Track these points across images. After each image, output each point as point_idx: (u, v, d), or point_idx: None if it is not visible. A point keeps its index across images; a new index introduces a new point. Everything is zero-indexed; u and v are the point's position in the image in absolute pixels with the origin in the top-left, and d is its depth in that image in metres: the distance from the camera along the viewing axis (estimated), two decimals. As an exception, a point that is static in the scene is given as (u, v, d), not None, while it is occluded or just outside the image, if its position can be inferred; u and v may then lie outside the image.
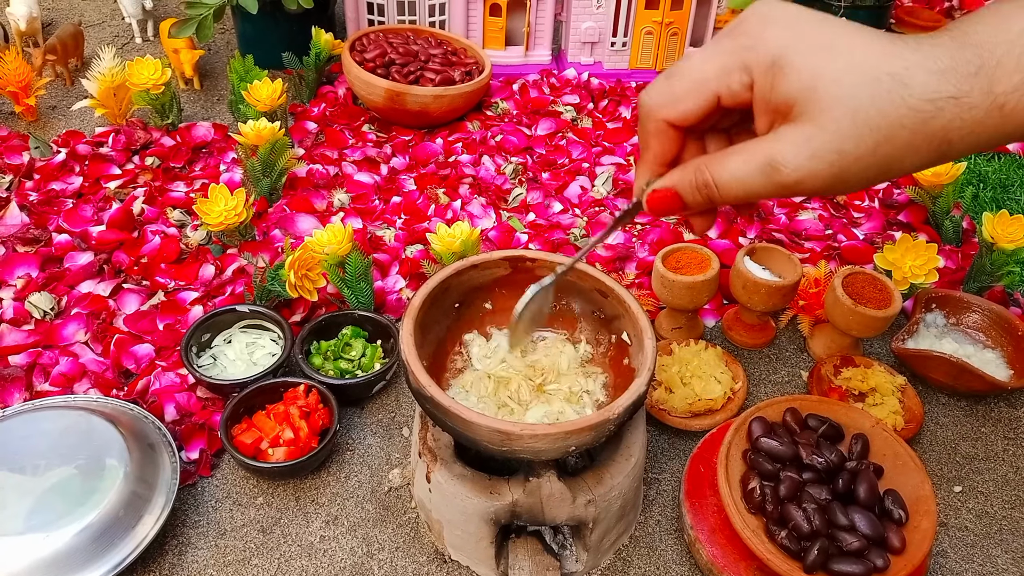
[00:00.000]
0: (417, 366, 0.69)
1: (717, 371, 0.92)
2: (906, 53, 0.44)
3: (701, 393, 0.90)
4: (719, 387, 0.91)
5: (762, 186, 0.49)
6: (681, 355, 0.94)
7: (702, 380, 0.91)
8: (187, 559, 0.78)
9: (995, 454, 0.92)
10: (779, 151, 0.47)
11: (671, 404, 0.90)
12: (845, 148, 0.46)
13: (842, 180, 0.47)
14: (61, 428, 0.80)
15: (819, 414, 0.80)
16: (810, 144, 0.46)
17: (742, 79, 0.47)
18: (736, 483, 0.75)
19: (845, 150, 0.46)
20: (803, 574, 0.68)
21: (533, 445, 0.65)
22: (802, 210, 1.27)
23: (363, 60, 1.37)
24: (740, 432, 0.79)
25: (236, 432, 0.84)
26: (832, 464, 0.74)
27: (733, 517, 0.71)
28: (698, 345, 0.95)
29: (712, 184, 0.50)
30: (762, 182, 0.48)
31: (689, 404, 0.90)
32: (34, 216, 1.15)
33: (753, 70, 0.47)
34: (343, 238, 0.97)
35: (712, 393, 0.91)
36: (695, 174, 0.50)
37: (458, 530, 0.75)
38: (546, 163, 1.34)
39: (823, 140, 0.46)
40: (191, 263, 1.09)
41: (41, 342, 0.97)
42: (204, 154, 1.33)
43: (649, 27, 1.54)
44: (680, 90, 0.50)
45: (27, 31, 1.51)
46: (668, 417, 0.90)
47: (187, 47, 1.46)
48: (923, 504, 0.72)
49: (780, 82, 0.46)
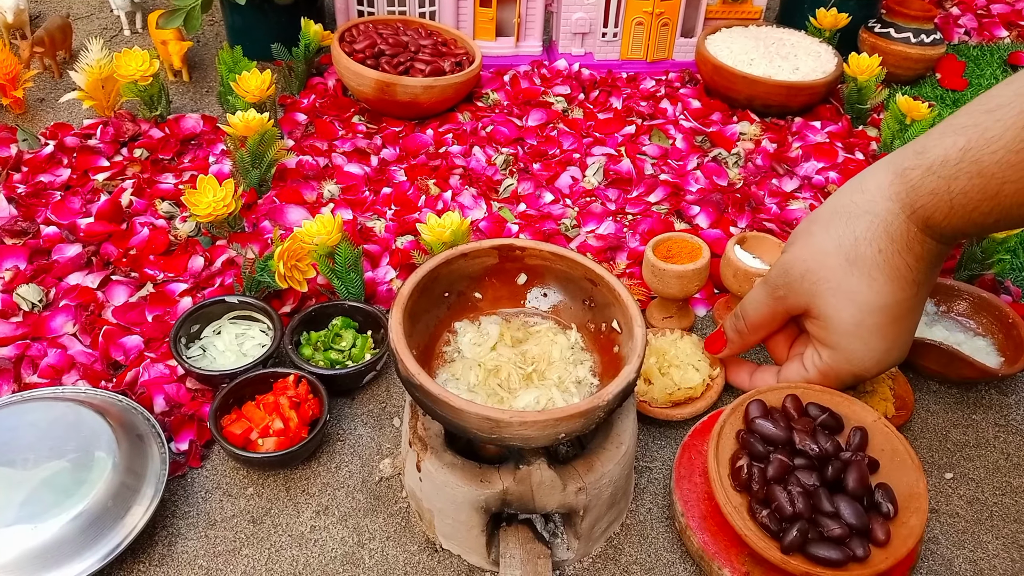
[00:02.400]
0: (406, 355, 0.68)
1: (694, 359, 0.92)
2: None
3: (680, 382, 0.90)
4: (697, 375, 0.90)
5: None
6: (657, 346, 0.94)
7: (680, 369, 0.91)
8: (177, 549, 0.78)
9: (986, 441, 0.93)
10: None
11: (651, 395, 0.90)
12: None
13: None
14: (49, 419, 0.80)
15: (821, 403, 0.80)
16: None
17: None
18: (725, 461, 0.75)
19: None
20: (779, 553, 0.68)
21: (523, 432, 0.64)
22: (793, 200, 1.27)
23: (353, 51, 1.37)
24: (737, 412, 0.78)
25: (226, 423, 0.84)
26: (825, 452, 0.74)
27: (717, 492, 0.71)
28: (673, 335, 0.95)
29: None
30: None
31: (669, 394, 0.90)
32: (22, 208, 1.15)
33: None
34: (333, 229, 0.97)
35: (691, 382, 0.90)
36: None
37: (449, 519, 0.75)
38: (537, 154, 1.34)
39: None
40: (180, 255, 1.09)
41: (29, 334, 0.97)
42: (193, 146, 1.32)
43: (640, 17, 1.53)
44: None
45: (14, 23, 1.50)
46: (649, 408, 0.90)
47: (175, 38, 1.45)
48: (915, 502, 0.71)
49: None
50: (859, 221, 0.64)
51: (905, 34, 1.54)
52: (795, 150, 1.38)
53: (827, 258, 0.66)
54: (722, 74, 1.45)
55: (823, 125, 1.44)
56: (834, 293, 0.66)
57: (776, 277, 0.71)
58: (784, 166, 1.33)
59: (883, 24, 1.57)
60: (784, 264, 0.70)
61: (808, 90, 1.42)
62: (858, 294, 0.64)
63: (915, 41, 1.53)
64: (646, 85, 1.55)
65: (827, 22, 1.56)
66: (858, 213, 0.65)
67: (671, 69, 1.61)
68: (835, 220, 0.67)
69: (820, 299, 0.67)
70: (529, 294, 0.84)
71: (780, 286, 0.70)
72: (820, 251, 0.66)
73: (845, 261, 0.65)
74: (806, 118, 1.47)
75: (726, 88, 1.46)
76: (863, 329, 0.66)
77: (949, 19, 1.82)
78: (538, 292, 0.84)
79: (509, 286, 0.84)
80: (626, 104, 1.48)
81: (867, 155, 1.37)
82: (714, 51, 1.48)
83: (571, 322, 0.83)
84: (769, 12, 1.75)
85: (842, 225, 0.65)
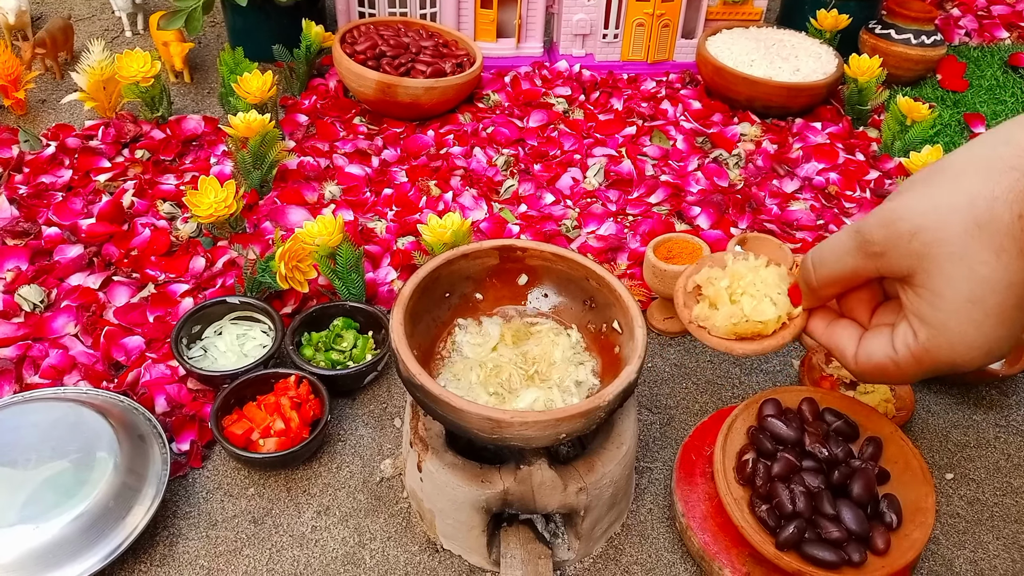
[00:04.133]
0: (407, 355, 0.68)
1: (774, 291, 0.74)
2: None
3: (751, 314, 0.73)
4: (773, 310, 0.73)
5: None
6: (735, 269, 0.78)
7: (753, 299, 0.74)
8: (178, 550, 0.78)
9: (986, 441, 0.93)
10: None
11: (713, 322, 0.74)
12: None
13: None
14: (51, 420, 0.80)
15: (838, 410, 0.79)
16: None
17: None
18: (733, 454, 0.75)
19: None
20: (774, 549, 0.68)
21: (523, 433, 0.65)
22: (794, 200, 1.27)
23: (354, 52, 1.37)
24: (751, 408, 0.79)
25: (227, 423, 0.84)
26: (834, 457, 0.73)
27: (719, 482, 0.71)
28: (759, 260, 0.77)
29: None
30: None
31: (734, 324, 0.73)
32: (24, 209, 1.15)
33: None
34: (334, 229, 0.97)
35: (763, 315, 0.73)
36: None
37: (450, 519, 0.75)
38: (538, 155, 1.34)
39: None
40: (181, 255, 1.09)
41: (31, 335, 0.97)
42: (194, 147, 1.32)
43: (641, 19, 1.54)
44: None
45: (16, 24, 1.50)
46: (708, 337, 0.74)
47: (177, 40, 1.45)
48: (921, 516, 0.71)
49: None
50: (1002, 178, 0.52)
51: (906, 35, 1.54)
52: (796, 151, 1.38)
53: (952, 215, 0.53)
54: (723, 75, 1.45)
55: (824, 126, 1.44)
56: (952, 260, 0.53)
57: (874, 228, 0.56)
58: (785, 167, 1.33)
59: (884, 25, 1.57)
60: (888, 215, 0.55)
61: (809, 91, 1.43)
62: (984, 265, 0.52)
63: (916, 42, 1.54)
64: (647, 86, 1.55)
65: (828, 23, 1.56)
66: (1002, 168, 0.52)
67: (672, 70, 1.61)
68: (969, 172, 0.54)
69: (933, 265, 0.54)
70: (530, 295, 0.84)
71: (878, 241, 0.56)
72: (944, 206, 0.53)
73: (974, 224, 0.52)
74: (807, 119, 1.47)
75: (727, 89, 1.46)
76: (979, 310, 0.54)
77: (949, 20, 1.82)
78: (539, 293, 0.84)
79: (510, 287, 0.84)
80: (627, 105, 1.48)
81: (867, 156, 1.38)
82: (715, 52, 1.49)
83: (572, 323, 0.83)
84: (770, 13, 1.75)
85: (978, 179, 0.53)
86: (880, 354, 0.59)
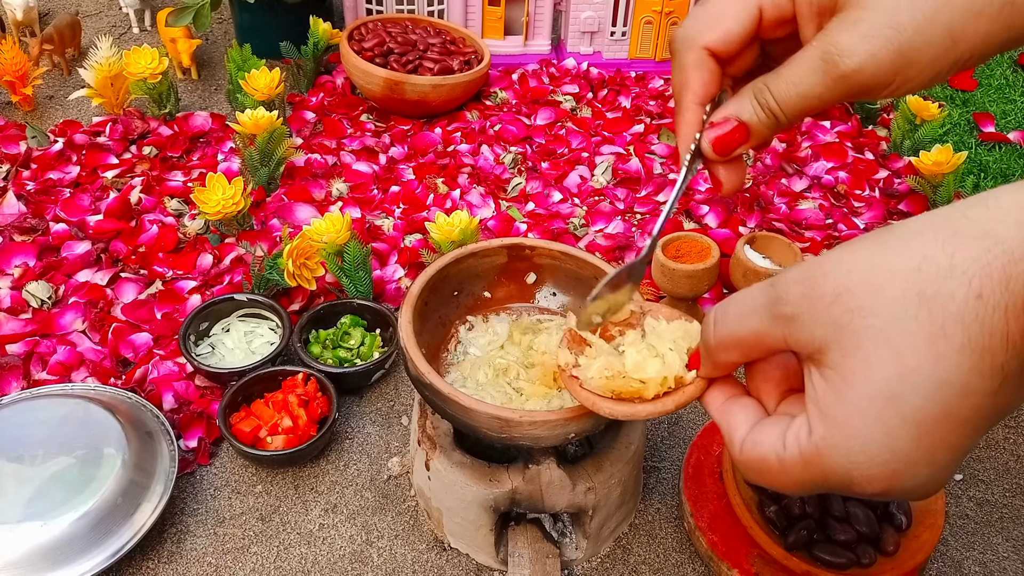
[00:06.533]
0: (416, 353, 0.68)
1: (667, 347, 0.58)
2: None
3: (630, 369, 0.58)
4: (658, 369, 0.57)
5: (822, 85, 0.47)
6: (618, 304, 0.62)
7: (638, 353, 0.58)
8: (186, 547, 0.78)
9: (996, 443, 0.92)
10: (830, 41, 0.46)
11: (585, 373, 0.60)
12: (901, 20, 0.44)
13: (908, 61, 0.45)
14: (59, 417, 0.80)
15: None
16: (861, 25, 0.45)
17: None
18: None
19: (901, 23, 0.44)
20: (783, 550, 0.67)
21: (532, 432, 0.64)
22: (803, 199, 1.26)
23: (361, 49, 1.37)
24: None
25: (235, 420, 0.84)
26: None
27: (728, 482, 0.71)
28: (670, 311, 0.63)
29: (772, 99, 0.48)
30: (820, 80, 0.47)
31: (608, 378, 0.58)
32: (31, 205, 1.15)
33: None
34: (341, 227, 0.97)
35: (644, 373, 0.57)
36: (754, 94, 0.49)
37: (457, 518, 0.75)
38: (545, 152, 1.34)
39: (875, 17, 0.45)
40: (189, 252, 1.09)
41: (38, 331, 0.97)
42: (202, 143, 1.32)
43: (649, 16, 1.53)
44: (718, 9, 0.49)
45: (24, 21, 1.50)
46: (577, 389, 0.60)
47: (184, 36, 1.45)
48: (930, 518, 0.71)
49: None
50: (968, 244, 0.38)
51: (915, 34, 1.53)
52: (804, 150, 1.37)
53: (890, 281, 0.40)
54: (731, 73, 1.44)
55: (832, 125, 1.44)
56: (875, 338, 0.39)
57: (789, 284, 0.43)
58: (793, 165, 1.33)
59: (893, 23, 1.56)
60: (811, 269, 0.42)
61: (817, 90, 1.42)
62: (913, 353, 0.39)
63: (925, 41, 1.53)
64: (655, 84, 1.54)
65: (837, 21, 1.55)
66: (971, 233, 0.39)
67: (680, 68, 1.60)
68: (926, 233, 0.41)
69: (851, 340, 0.40)
70: (538, 293, 0.84)
71: (791, 300, 0.42)
72: (882, 268, 0.40)
73: (915, 295, 0.39)
74: (815, 118, 1.46)
75: (735, 87, 1.45)
76: (895, 411, 0.39)
77: (959, 19, 1.81)
78: (547, 291, 0.84)
79: (518, 285, 0.84)
80: (635, 103, 1.48)
81: (876, 155, 1.37)
82: (723, 50, 1.48)
83: (580, 321, 0.83)
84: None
85: (936, 243, 0.40)
86: (766, 446, 0.45)
